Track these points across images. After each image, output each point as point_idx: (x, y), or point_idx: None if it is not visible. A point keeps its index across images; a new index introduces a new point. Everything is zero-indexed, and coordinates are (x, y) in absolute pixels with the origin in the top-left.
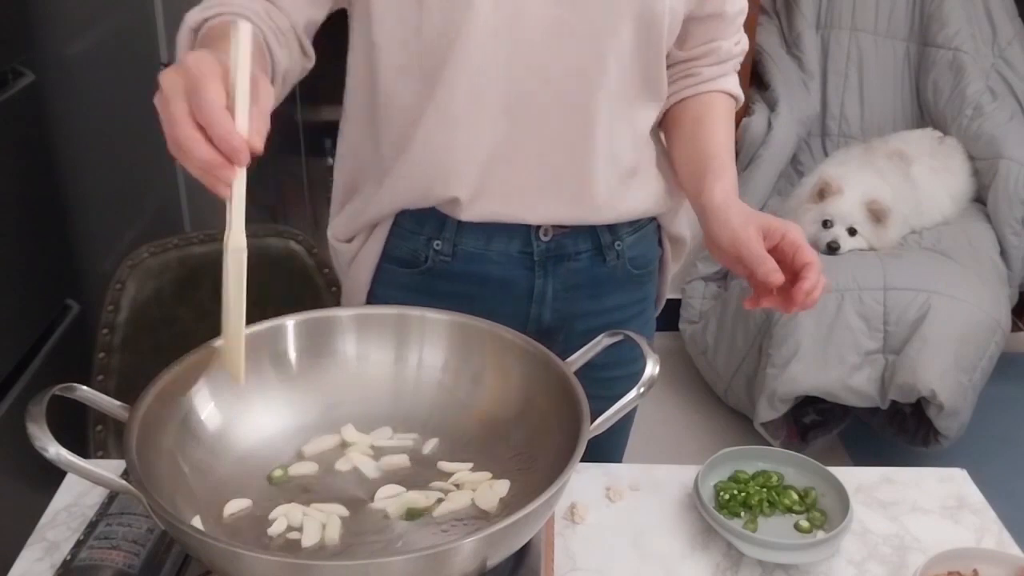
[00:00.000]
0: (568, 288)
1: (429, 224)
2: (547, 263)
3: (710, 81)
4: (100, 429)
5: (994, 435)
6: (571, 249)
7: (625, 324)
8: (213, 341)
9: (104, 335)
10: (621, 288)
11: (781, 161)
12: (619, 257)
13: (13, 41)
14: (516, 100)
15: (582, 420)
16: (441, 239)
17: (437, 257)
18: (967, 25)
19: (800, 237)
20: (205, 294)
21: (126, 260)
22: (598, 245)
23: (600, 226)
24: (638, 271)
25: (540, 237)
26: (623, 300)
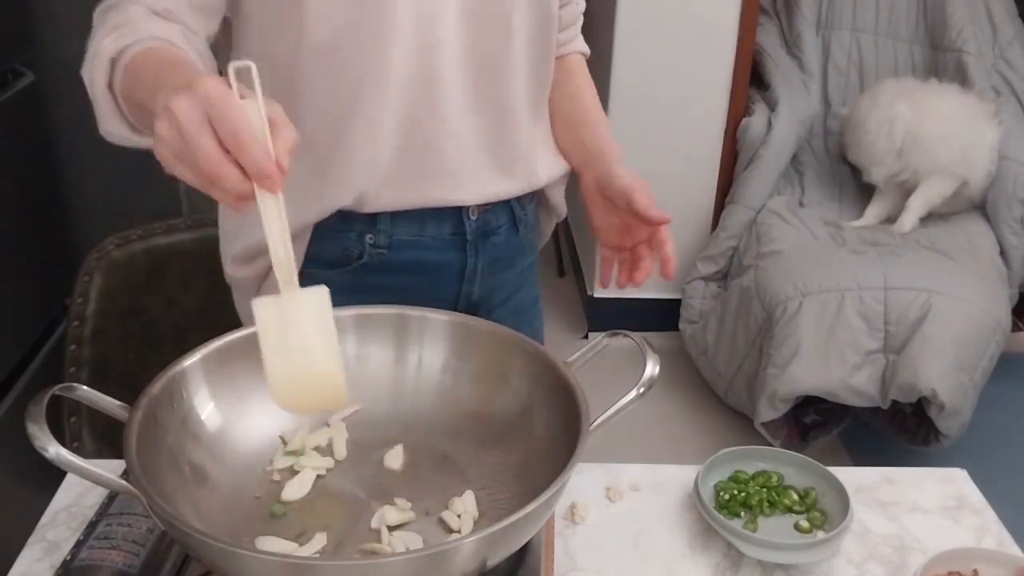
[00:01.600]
0: (492, 262)
1: (359, 220)
2: (477, 241)
3: (566, 44)
4: (74, 420)
5: (994, 435)
6: (494, 224)
7: (523, 287)
8: (208, 343)
9: (75, 327)
10: (524, 254)
11: (781, 161)
12: (526, 227)
13: (13, 41)
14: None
15: (582, 420)
16: (375, 232)
17: (373, 251)
18: (969, 25)
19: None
20: (171, 283)
21: (93, 252)
22: (512, 217)
23: (514, 199)
24: (531, 235)
25: (470, 216)
26: (524, 265)
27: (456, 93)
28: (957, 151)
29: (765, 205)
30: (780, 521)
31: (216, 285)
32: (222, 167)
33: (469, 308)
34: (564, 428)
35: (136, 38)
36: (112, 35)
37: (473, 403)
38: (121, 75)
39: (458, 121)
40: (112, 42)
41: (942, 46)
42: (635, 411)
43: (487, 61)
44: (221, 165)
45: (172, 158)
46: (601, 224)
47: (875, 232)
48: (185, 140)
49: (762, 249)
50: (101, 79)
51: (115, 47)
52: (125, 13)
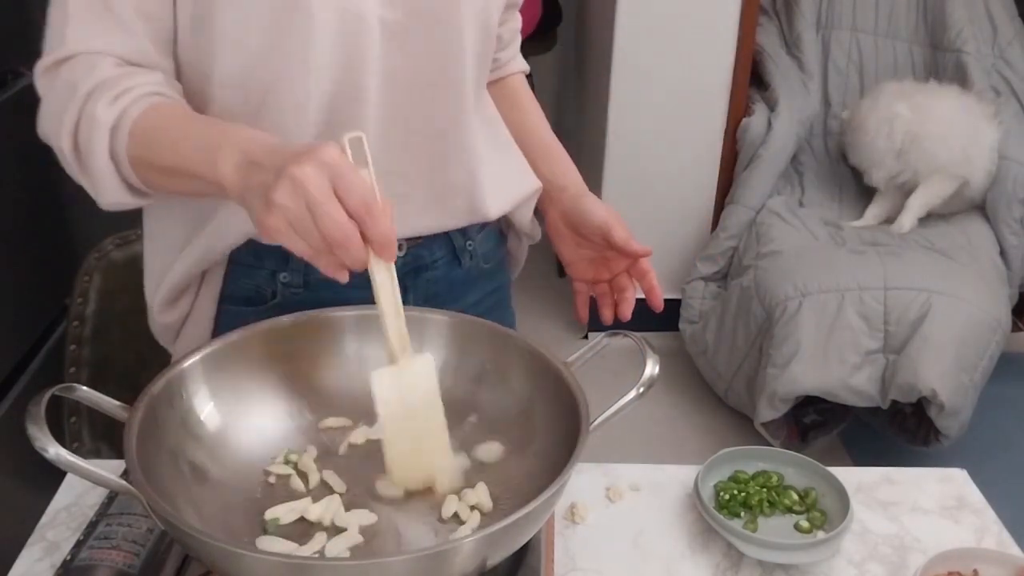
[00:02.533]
0: (428, 298)
1: (271, 257)
2: (406, 278)
3: (505, 65)
4: (74, 420)
5: (994, 435)
6: (427, 259)
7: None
8: (208, 343)
9: (75, 327)
10: (475, 285)
11: (781, 161)
12: (472, 257)
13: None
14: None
15: (582, 420)
16: (288, 270)
17: (286, 291)
18: (969, 26)
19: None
20: None
21: (92, 252)
22: (452, 250)
23: (453, 231)
24: (488, 264)
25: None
26: (479, 295)
27: (379, 116)
28: (957, 151)
29: (765, 205)
30: (780, 521)
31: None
32: (352, 235)
33: None
34: (564, 428)
35: (131, 99)
36: (101, 100)
37: (473, 403)
38: (127, 142)
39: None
40: (106, 109)
41: (942, 46)
42: (635, 411)
43: (419, 84)
44: (351, 234)
45: (287, 226)
46: (572, 259)
47: (875, 232)
48: (313, 207)
49: (762, 249)
50: (101, 150)
51: (111, 115)
52: (94, 70)
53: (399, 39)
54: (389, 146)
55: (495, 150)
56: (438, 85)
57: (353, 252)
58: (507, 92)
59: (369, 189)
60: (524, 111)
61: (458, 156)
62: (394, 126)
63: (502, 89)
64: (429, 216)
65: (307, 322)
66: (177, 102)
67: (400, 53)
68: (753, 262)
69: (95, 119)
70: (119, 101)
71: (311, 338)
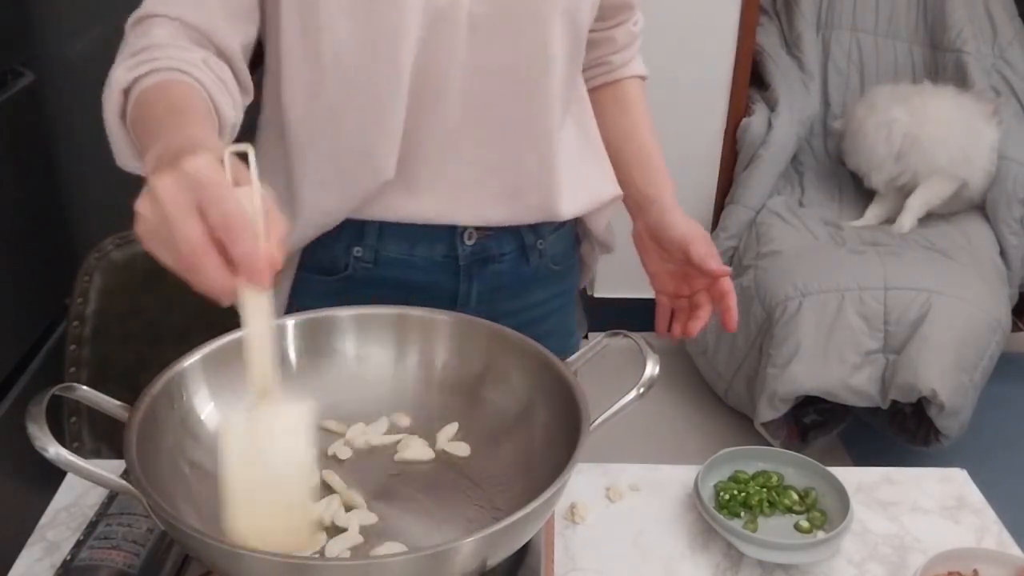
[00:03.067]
0: (492, 290)
1: (347, 231)
2: (472, 267)
3: (621, 68)
4: (74, 420)
5: (994, 435)
6: (495, 251)
7: (547, 318)
8: (208, 343)
9: (75, 327)
10: (542, 285)
11: (781, 161)
12: (541, 256)
13: (13, 41)
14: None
15: (582, 420)
16: (362, 245)
17: (358, 264)
18: (969, 26)
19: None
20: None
21: (92, 252)
22: (522, 246)
23: (524, 227)
24: (558, 266)
25: (464, 241)
26: (544, 296)
27: (460, 104)
28: (956, 152)
29: (765, 205)
30: (780, 521)
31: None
32: (204, 256)
33: None
34: (564, 428)
35: (151, 67)
36: (128, 62)
37: (473, 403)
38: (132, 108)
39: (459, 136)
40: (124, 72)
41: (942, 46)
42: (635, 411)
43: (502, 77)
44: (203, 255)
45: (150, 238)
46: (656, 270)
47: (875, 232)
48: (168, 224)
49: (762, 249)
50: (113, 110)
51: (127, 77)
52: (147, 34)
53: (486, 32)
54: (468, 135)
55: (579, 151)
56: (521, 80)
57: (209, 274)
58: (618, 96)
59: (234, 205)
60: (631, 117)
61: (536, 152)
62: (474, 116)
63: (614, 92)
64: (501, 208)
65: (307, 322)
66: (192, 86)
67: (486, 46)
68: (753, 262)
69: (112, 80)
70: (138, 68)
71: (311, 338)
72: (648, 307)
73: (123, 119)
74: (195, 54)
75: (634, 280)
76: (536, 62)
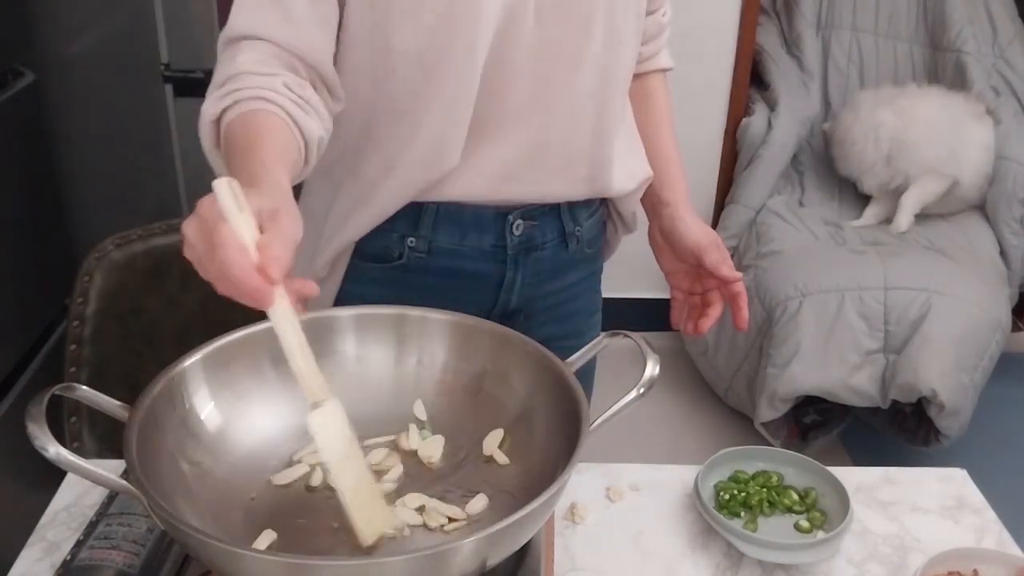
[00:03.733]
0: (535, 275)
1: (402, 221)
2: (518, 255)
3: (648, 60)
4: (74, 420)
5: (994, 435)
6: (539, 240)
7: (578, 298)
8: (208, 343)
9: (75, 327)
10: (576, 268)
11: (781, 161)
12: (579, 242)
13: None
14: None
15: (582, 420)
16: (416, 236)
17: (412, 254)
18: (969, 25)
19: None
20: (171, 283)
21: (92, 252)
22: (562, 233)
23: (564, 214)
24: (591, 249)
25: (513, 231)
26: (578, 276)
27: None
28: (944, 151)
29: (765, 205)
30: (780, 521)
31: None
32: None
33: (505, 315)
34: (564, 428)
35: (234, 99)
36: (215, 93)
37: (473, 403)
38: (222, 140)
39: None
40: (212, 104)
41: (942, 46)
42: (635, 411)
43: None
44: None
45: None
46: (670, 269)
47: (875, 232)
48: (199, 264)
49: (762, 249)
50: (209, 140)
51: (215, 110)
52: (234, 60)
53: (551, 17)
54: (529, 117)
55: (626, 129)
56: (586, 62)
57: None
58: (643, 91)
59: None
60: (655, 115)
61: (595, 130)
62: (536, 99)
63: (641, 86)
64: (555, 184)
65: (307, 322)
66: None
67: (551, 31)
68: (753, 262)
69: (203, 111)
70: (224, 99)
71: (311, 338)
72: (648, 307)
73: (219, 147)
74: (276, 80)
75: (635, 280)
76: (600, 45)
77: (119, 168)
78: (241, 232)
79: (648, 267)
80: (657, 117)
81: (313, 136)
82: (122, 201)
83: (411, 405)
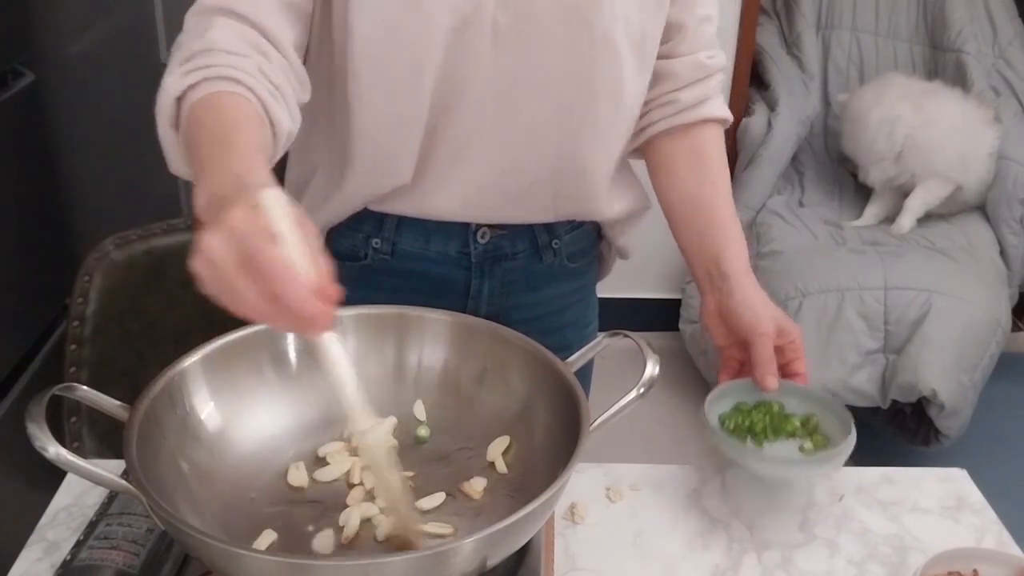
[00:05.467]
0: (504, 285)
1: (368, 222)
2: (484, 264)
3: (693, 109)
4: (74, 420)
5: (994, 435)
6: (508, 250)
7: (564, 312)
8: (208, 343)
9: (75, 327)
10: (558, 280)
11: (781, 161)
12: (556, 255)
13: (13, 41)
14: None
15: (582, 420)
16: (380, 238)
17: (376, 255)
18: (969, 25)
19: (801, 342)
20: (171, 283)
21: (92, 253)
22: (535, 245)
23: (538, 226)
24: (575, 264)
25: (478, 239)
26: (561, 290)
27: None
28: (954, 158)
29: (765, 205)
30: (784, 446)
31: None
32: (265, 313)
33: None
34: (564, 428)
35: (203, 76)
36: (181, 68)
37: (473, 403)
38: (184, 121)
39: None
40: (177, 79)
41: (942, 46)
42: (635, 411)
43: (527, 84)
44: (271, 316)
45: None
46: (724, 343)
47: (875, 232)
48: (227, 287)
49: (762, 249)
50: (165, 119)
51: (180, 86)
52: (205, 34)
53: (511, 41)
54: (487, 139)
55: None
56: (545, 88)
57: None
58: (691, 146)
59: (276, 267)
60: (708, 174)
61: (557, 154)
62: (494, 121)
63: (689, 144)
64: (515, 209)
65: None
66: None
67: (510, 54)
68: (753, 262)
69: (165, 86)
70: (191, 76)
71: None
72: (648, 307)
73: (175, 128)
74: (250, 62)
75: (635, 280)
76: (563, 75)
77: (119, 168)
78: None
79: (648, 267)
80: (712, 177)
81: (283, 130)
82: (122, 201)
83: (411, 405)
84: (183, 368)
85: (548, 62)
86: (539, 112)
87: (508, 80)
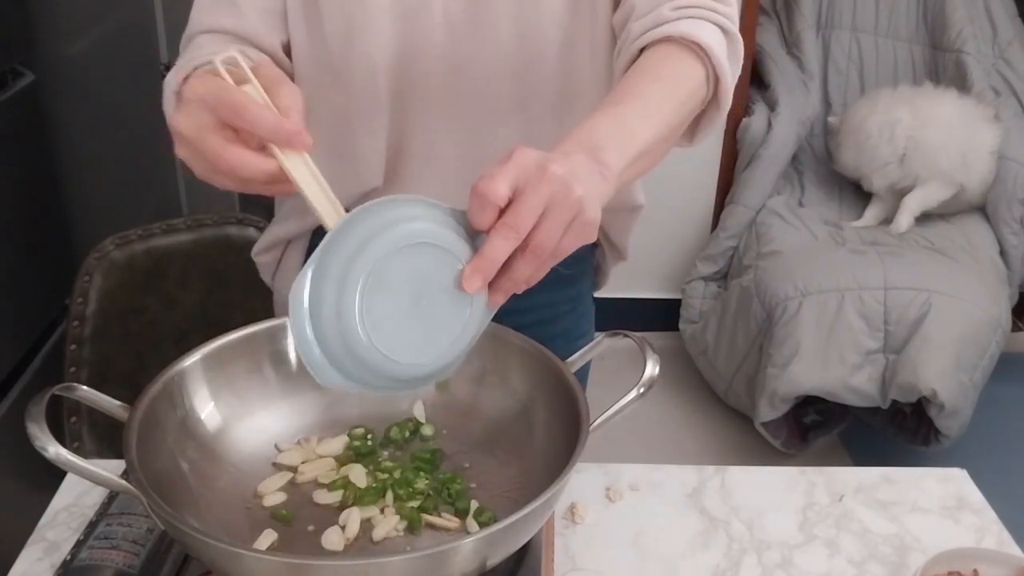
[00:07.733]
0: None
1: None
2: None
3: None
4: (74, 420)
5: (994, 435)
6: None
7: (557, 320)
8: (208, 343)
9: (75, 327)
10: (549, 288)
11: (781, 161)
12: None
13: (13, 41)
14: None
15: (582, 420)
16: None
17: None
18: (969, 25)
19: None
20: (171, 283)
21: (92, 253)
22: None
23: None
24: (568, 271)
25: None
26: (552, 298)
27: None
28: (956, 157)
29: (765, 205)
30: None
31: (216, 285)
32: (235, 154)
33: None
34: (564, 428)
35: (195, 65)
36: (176, 66)
37: (473, 403)
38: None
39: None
40: (175, 73)
41: (942, 46)
42: (635, 411)
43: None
44: (233, 152)
45: (197, 171)
46: None
47: (875, 232)
48: (198, 150)
49: (762, 249)
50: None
51: (178, 79)
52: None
53: (464, 30)
54: (453, 133)
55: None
56: (505, 77)
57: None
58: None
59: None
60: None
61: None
62: (458, 114)
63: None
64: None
65: None
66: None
67: (465, 45)
68: (753, 262)
69: (166, 83)
70: (187, 68)
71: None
72: (648, 307)
73: None
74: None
75: (635, 280)
76: (518, 61)
77: (119, 168)
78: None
79: (648, 267)
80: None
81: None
82: (122, 201)
83: (411, 406)
84: (183, 368)
85: (503, 46)
86: (500, 97)
87: (465, 67)
